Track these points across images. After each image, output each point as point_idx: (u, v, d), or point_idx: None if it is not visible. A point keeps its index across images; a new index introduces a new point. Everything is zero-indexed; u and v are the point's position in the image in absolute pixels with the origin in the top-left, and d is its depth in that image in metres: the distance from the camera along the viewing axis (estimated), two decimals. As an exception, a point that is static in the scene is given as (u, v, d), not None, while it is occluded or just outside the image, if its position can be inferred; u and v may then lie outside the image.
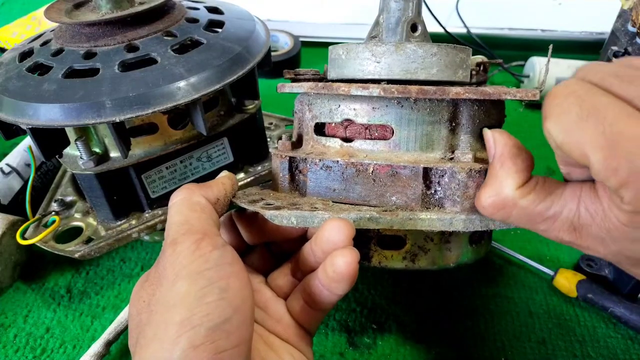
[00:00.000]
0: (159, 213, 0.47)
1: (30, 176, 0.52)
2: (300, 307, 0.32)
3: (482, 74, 0.41)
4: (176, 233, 0.27)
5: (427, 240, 0.34)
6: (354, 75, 0.35)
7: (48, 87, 0.38)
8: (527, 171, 0.27)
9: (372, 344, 0.44)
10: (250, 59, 0.43)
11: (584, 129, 0.21)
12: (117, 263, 0.53)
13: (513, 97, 0.30)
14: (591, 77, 0.23)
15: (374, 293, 0.49)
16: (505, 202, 0.27)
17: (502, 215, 0.27)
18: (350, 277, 0.29)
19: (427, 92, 0.30)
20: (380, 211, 0.31)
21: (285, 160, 0.36)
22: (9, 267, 0.50)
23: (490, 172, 0.28)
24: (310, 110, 0.36)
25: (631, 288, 0.45)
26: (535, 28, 0.88)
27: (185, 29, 0.43)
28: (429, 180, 0.32)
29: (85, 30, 0.42)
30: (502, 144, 0.28)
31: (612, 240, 0.23)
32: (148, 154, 0.44)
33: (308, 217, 0.30)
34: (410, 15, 0.36)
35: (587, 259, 0.49)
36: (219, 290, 0.25)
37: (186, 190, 0.31)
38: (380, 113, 0.33)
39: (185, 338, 0.23)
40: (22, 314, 0.48)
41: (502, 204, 0.27)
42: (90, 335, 0.46)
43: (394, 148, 0.33)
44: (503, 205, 0.27)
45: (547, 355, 0.43)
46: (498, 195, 0.27)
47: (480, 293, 0.49)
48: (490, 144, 0.29)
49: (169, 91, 0.38)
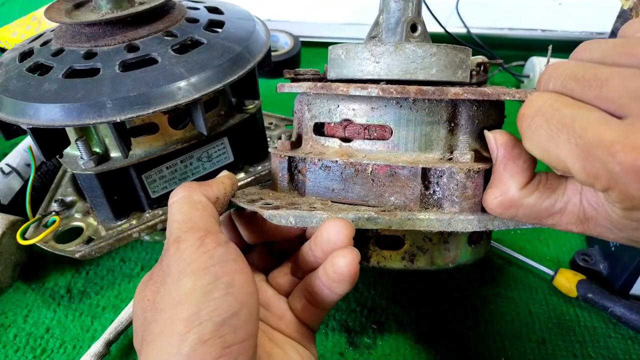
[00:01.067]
0: (159, 213, 0.47)
1: (30, 176, 0.52)
2: (302, 305, 0.33)
3: (482, 74, 0.41)
4: (179, 231, 0.27)
5: (425, 240, 0.34)
6: (354, 76, 0.35)
7: (48, 87, 0.38)
8: (529, 170, 0.27)
9: (372, 344, 0.44)
10: (251, 59, 0.44)
11: (558, 145, 0.22)
12: (117, 263, 0.53)
13: (512, 98, 0.30)
14: (553, 84, 0.24)
15: (374, 293, 0.49)
16: (512, 202, 0.27)
17: (509, 214, 0.28)
18: (351, 277, 0.29)
19: (426, 92, 0.30)
20: (378, 211, 0.31)
21: (285, 160, 0.36)
22: (9, 267, 0.50)
23: (494, 174, 0.29)
24: (310, 110, 0.36)
25: (623, 283, 0.45)
26: (535, 28, 0.88)
27: (185, 29, 0.43)
28: (428, 181, 0.32)
29: (85, 30, 0.42)
30: (503, 145, 0.28)
31: (618, 229, 0.24)
32: (148, 154, 0.44)
33: (306, 217, 0.30)
34: (410, 15, 0.36)
35: (583, 254, 0.50)
36: (225, 285, 0.25)
37: (186, 189, 0.31)
38: (379, 113, 0.33)
39: (194, 333, 0.23)
40: (22, 314, 0.48)
41: (509, 204, 0.27)
42: (90, 335, 0.46)
43: (393, 148, 0.33)
44: (509, 205, 0.27)
45: (547, 355, 0.43)
46: (504, 195, 0.28)
47: (480, 293, 0.49)
48: (492, 146, 0.29)
49: (169, 91, 0.38)
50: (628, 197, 0.20)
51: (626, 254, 0.45)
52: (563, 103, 0.22)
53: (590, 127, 0.21)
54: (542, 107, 0.23)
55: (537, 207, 0.27)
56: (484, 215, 0.31)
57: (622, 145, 0.19)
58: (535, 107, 0.23)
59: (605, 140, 0.20)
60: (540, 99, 0.24)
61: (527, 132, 0.24)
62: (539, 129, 0.23)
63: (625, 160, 0.19)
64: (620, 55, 0.22)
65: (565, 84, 0.23)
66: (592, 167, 0.21)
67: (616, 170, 0.20)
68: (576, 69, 0.23)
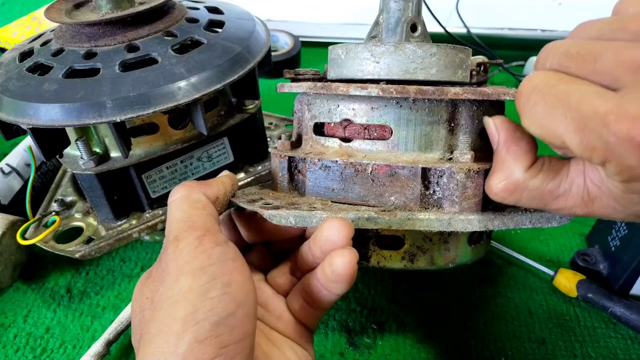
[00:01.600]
0: (159, 213, 0.47)
1: (30, 176, 0.52)
2: (300, 305, 0.33)
3: (483, 75, 0.41)
4: (178, 230, 0.28)
5: (425, 240, 0.34)
6: (354, 75, 0.35)
7: (48, 87, 0.38)
8: (532, 152, 0.27)
9: (372, 344, 0.44)
10: (251, 59, 0.44)
11: (555, 120, 0.22)
12: (117, 263, 0.53)
13: (512, 98, 0.30)
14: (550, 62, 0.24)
15: (374, 293, 0.49)
16: (517, 184, 0.27)
17: (514, 198, 0.28)
18: (348, 277, 0.29)
19: (426, 92, 0.30)
20: (378, 211, 0.31)
21: (285, 160, 0.36)
22: (9, 267, 0.50)
23: (497, 159, 0.28)
24: (310, 110, 0.36)
25: (623, 283, 0.45)
26: (535, 28, 0.88)
27: (185, 29, 0.44)
28: (428, 181, 0.32)
29: (85, 30, 0.42)
30: (504, 129, 0.28)
31: (622, 206, 0.24)
32: (149, 154, 0.44)
33: (306, 217, 0.30)
34: (410, 15, 0.36)
35: (583, 254, 0.50)
36: (222, 285, 0.25)
37: (186, 187, 0.31)
38: (379, 113, 0.33)
39: (190, 333, 0.23)
40: (22, 314, 0.48)
41: (514, 187, 0.27)
42: (90, 335, 0.46)
43: (393, 148, 0.33)
44: (515, 189, 0.27)
45: (547, 355, 0.43)
46: (509, 178, 0.27)
47: (480, 293, 0.49)
48: (492, 131, 0.29)
49: (169, 91, 0.38)
50: (625, 167, 0.20)
51: (626, 254, 0.45)
52: (559, 79, 0.23)
53: (585, 101, 0.21)
54: (538, 84, 0.23)
55: (542, 190, 0.26)
56: (484, 215, 0.31)
57: (616, 116, 0.19)
58: (532, 84, 0.24)
59: (599, 112, 0.20)
60: (537, 77, 0.24)
61: (525, 109, 0.24)
62: (537, 106, 0.23)
63: (620, 130, 0.19)
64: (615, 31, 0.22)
65: (561, 61, 0.23)
66: (588, 139, 0.21)
67: (611, 141, 0.20)
68: (571, 47, 0.23)
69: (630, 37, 0.21)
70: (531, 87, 0.24)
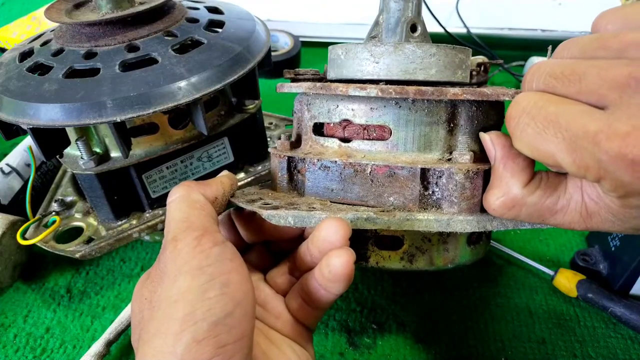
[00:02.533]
0: (159, 213, 0.47)
1: (30, 176, 0.52)
2: (299, 304, 0.33)
3: (483, 75, 0.41)
4: (177, 230, 0.28)
5: (424, 241, 0.34)
6: (353, 76, 0.35)
7: (49, 87, 0.38)
8: (529, 168, 0.28)
9: (372, 344, 0.44)
10: (251, 59, 0.44)
11: (546, 141, 0.22)
12: (117, 263, 0.53)
13: (511, 99, 0.30)
14: (536, 83, 0.24)
15: (374, 293, 0.49)
16: (515, 201, 0.27)
17: (512, 214, 0.28)
18: (346, 277, 0.29)
19: (425, 92, 0.30)
20: (377, 211, 0.31)
21: (284, 160, 0.36)
22: (9, 267, 0.50)
23: (494, 174, 0.29)
24: (309, 110, 0.36)
25: (623, 283, 0.45)
26: (535, 28, 0.88)
27: (185, 29, 0.44)
28: (427, 181, 0.32)
29: (85, 30, 0.42)
30: (500, 145, 0.28)
31: (621, 221, 0.24)
32: (149, 154, 0.44)
33: (305, 217, 0.30)
34: (410, 15, 0.36)
35: (583, 254, 0.50)
36: (220, 285, 0.25)
37: (185, 187, 0.31)
38: (378, 113, 0.33)
39: (188, 333, 0.23)
40: (22, 314, 0.48)
41: (512, 204, 0.27)
42: (90, 335, 0.46)
43: (392, 148, 0.33)
44: (513, 205, 0.27)
45: (547, 355, 0.43)
46: (507, 195, 0.27)
47: (480, 293, 0.49)
48: (489, 147, 0.29)
49: (169, 91, 0.38)
50: (620, 184, 0.21)
51: (626, 254, 0.45)
52: (547, 100, 0.23)
53: (574, 120, 0.21)
54: (527, 106, 0.24)
55: (540, 206, 0.27)
56: (482, 216, 0.31)
57: (606, 135, 0.20)
58: (521, 107, 0.24)
59: (589, 132, 0.20)
60: (524, 99, 0.24)
61: (516, 132, 0.24)
62: (527, 128, 0.23)
63: (611, 149, 0.20)
64: (596, 50, 0.22)
65: (547, 82, 0.23)
66: (580, 158, 0.21)
67: (604, 159, 0.20)
68: (555, 67, 0.23)
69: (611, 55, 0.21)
70: (520, 109, 0.24)
